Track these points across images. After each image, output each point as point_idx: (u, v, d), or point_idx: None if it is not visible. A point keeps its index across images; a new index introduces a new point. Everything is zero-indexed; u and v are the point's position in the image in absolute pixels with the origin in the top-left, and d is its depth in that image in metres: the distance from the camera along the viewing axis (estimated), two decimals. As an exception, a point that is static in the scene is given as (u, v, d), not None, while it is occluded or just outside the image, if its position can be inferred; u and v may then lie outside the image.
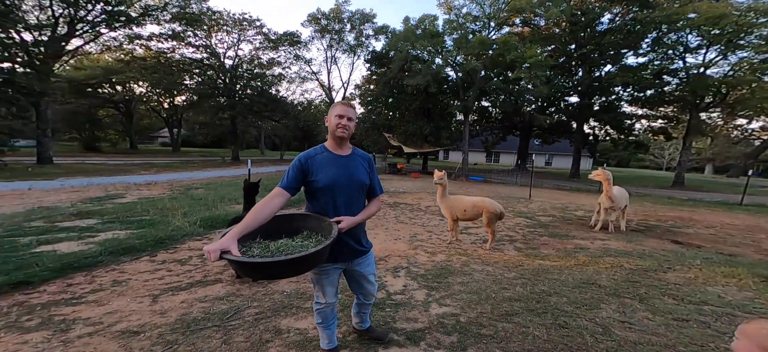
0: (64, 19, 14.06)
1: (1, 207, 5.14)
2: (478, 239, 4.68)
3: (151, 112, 30.55)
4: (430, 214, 6.43)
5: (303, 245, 1.26)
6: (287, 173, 1.36)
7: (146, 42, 17.74)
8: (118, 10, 14.74)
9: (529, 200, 9.32)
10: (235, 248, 1.04)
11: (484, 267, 3.39)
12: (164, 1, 16.65)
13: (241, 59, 20.22)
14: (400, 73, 15.71)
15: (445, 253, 3.89)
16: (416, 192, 10.01)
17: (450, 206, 4.21)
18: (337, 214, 1.38)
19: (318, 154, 1.42)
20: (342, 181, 1.40)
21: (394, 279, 2.97)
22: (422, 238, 4.59)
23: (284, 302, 2.35)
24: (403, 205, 7.47)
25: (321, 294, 1.52)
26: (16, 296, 2.21)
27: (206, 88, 19.68)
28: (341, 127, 1.39)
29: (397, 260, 3.52)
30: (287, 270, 1.15)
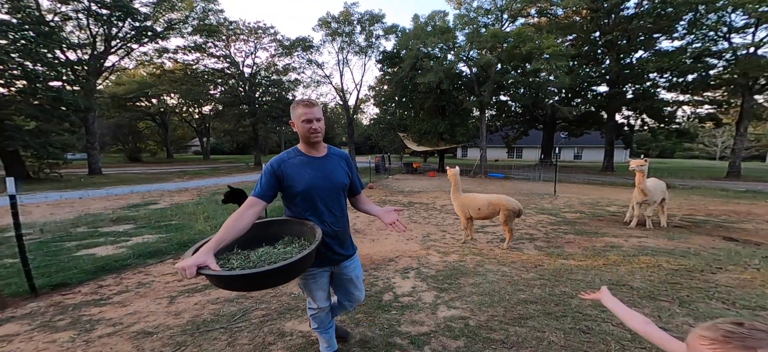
0: (100, 37, 15.51)
1: (55, 215, 5.73)
2: (495, 237, 4.47)
3: (183, 122, 32.79)
4: (445, 213, 6.26)
5: (286, 251, 1.20)
6: (260, 180, 1.28)
7: (173, 55, 19.11)
8: (144, 26, 16.05)
9: (554, 196, 8.79)
10: (212, 262, 0.99)
11: (499, 267, 3.22)
12: (185, 14, 17.93)
13: (259, 67, 21.11)
14: (411, 71, 15.53)
15: (459, 253, 3.75)
16: (432, 191, 9.82)
17: (463, 204, 4.06)
18: (319, 218, 1.33)
19: (291, 159, 1.34)
20: (320, 183, 1.33)
21: (402, 281, 2.90)
22: (435, 238, 4.47)
23: (291, 303, 2.36)
24: (418, 204, 7.35)
25: (311, 299, 1.47)
26: (54, 297, 2.41)
27: (229, 97, 20.79)
28: (312, 132, 1.31)
29: (408, 261, 3.44)
30: (272, 280, 1.08)
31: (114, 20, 14.92)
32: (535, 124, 22.83)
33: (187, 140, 40.00)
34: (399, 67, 16.76)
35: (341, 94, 18.83)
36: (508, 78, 15.38)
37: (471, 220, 4.17)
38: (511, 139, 24.21)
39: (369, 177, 12.66)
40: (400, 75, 16.32)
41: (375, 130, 21.00)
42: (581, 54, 18.12)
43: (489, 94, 15.30)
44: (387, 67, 18.57)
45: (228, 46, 19.57)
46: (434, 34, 14.76)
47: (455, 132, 16.92)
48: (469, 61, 15.67)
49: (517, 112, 21.39)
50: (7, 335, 1.85)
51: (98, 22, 14.80)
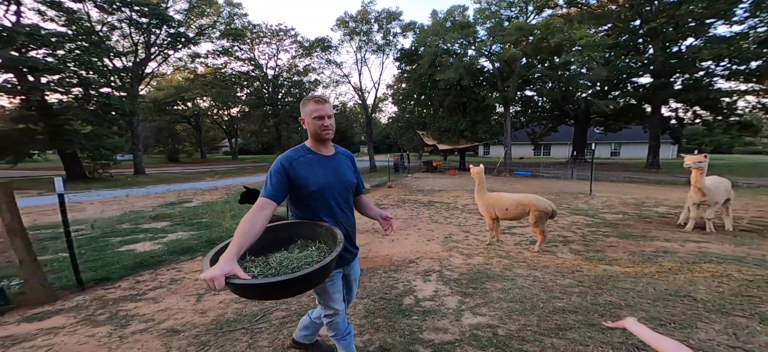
0: (141, 45, 16.89)
1: (104, 212, 6.30)
2: (523, 239, 4.21)
3: (214, 124, 34.90)
4: (467, 213, 6.02)
5: (307, 256, 1.13)
6: (269, 180, 1.20)
7: (204, 59, 20.38)
8: (178, 32, 17.28)
9: (590, 195, 8.16)
10: (239, 271, 0.93)
11: (530, 272, 3.00)
12: (213, 20, 19.08)
13: (281, 68, 21.89)
14: (430, 68, 15.22)
15: (484, 255, 3.55)
16: (453, 190, 9.53)
17: (489, 203, 3.84)
18: (334, 218, 1.30)
19: (301, 156, 1.28)
20: (334, 182, 1.31)
21: (424, 284, 2.79)
22: (457, 238, 4.29)
23: (311, 304, 2.34)
24: (439, 203, 7.15)
25: (330, 303, 1.38)
26: (97, 291, 2.59)
27: (254, 99, 21.82)
28: (324, 129, 1.27)
29: (429, 263, 3.32)
30: (302, 286, 1.01)
31: (152, 28, 16.19)
32: (565, 119, 21.41)
33: (218, 141, 42.50)
34: (417, 65, 16.52)
35: (359, 93, 18.92)
36: (534, 72, 14.59)
37: (497, 220, 3.94)
38: (538, 136, 22.97)
39: (388, 176, 12.60)
40: (418, 72, 16.08)
41: (393, 129, 20.89)
42: (619, 44, 16.72)
43: (513, 90, 14.61)
44: (405, 65, 18.40)
45: (252, 49, 20.51)
46: (453, 30, 14.31)
47: (477, 129, 16.37)
48: (492, 56, 15.05)
49: (545, 107, 20.21)
50: (54, 328, 2.00)
51: (139, 31, 16.14)
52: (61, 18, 13.13)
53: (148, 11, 15.00)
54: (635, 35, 16.67)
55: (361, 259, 3.34)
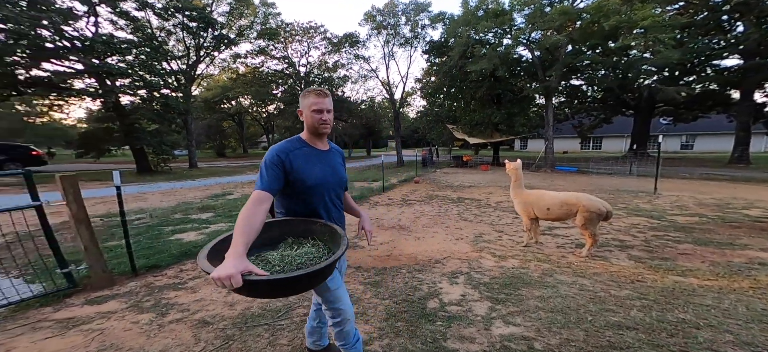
0: (192, 48, 18.64)
1: (163, 202, 7.08)
2: (568, 241, 3.79)
3: (254, 121, 37.53)
4: (501, 211, 5.61)
5: (305, 252, 1.08)
6: (264, 173, 1.14)
7: (244, 59, 21.75)
8: (221, 34, 18.68)
9: (655, 194, 7.12)
10: (254, 267, 0.90)
11: (576, 279, 2.68)
12: (251, 20, 20.23)
13: (312, 65, 22.60)
14: (461, 60, 14.48)
15: (520, 258, 3.26)
16: (485, 186, 9.00)
17: (527, 202, 3.50)
18: (329, 215, 1.27)
19: (296, 149, 1.23)
20: (329, 178, 1.28)
21: (450, 286, 2.62)
22: (489, 238, 3.99)
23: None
24: (469, 200, 6.78)
25: (338, 304, 1.28)
26: (147, 278, 2.84)
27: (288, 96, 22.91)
28: (322, 123, 1.24)
29: (457, 264, 3.13)
30: (317, 279, 0.99)
31: (200, 31, 17.76)
32: (621, 109, 18.96)
33: (258, 137, 45.62)
34: (447, 57, 15.86)
35: (387, 87, 18.75)
36: (582, 59, 13.05)
37: (536, 221, 3.57)
38: (586, 129, 20.70)
39: (416, 171, 12.35)
40: (448, 65, 15.43)
41: (422, 123, 20.44)
42: (695, 23, 14.36)
43: (557, 79, 13.26)
44: (434, 58, 17.81)
45: (286, 47, 21.47)
46: (487, 19, 13.34)
47: (513, 122, 15.30)
48: (531, 44, 13.80)
49: (596, 97, 18.09)
50: (108, 312, 2.21)
51: (189, 34, 17.82)
52: (129, 26, 15.02)
53: (196, 16, 16.43)
54: (718, 12, 14.12)
55: (384, 257, 3.33)
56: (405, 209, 5.87)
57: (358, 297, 2.42)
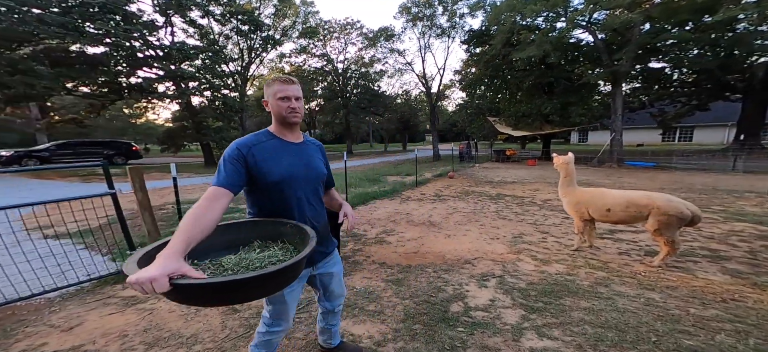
0: (245, 51, 20.50)
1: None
2: (634, 247, 3.23)
3: (298, 118, 40.09)
4: (547, 210, 5.03)
5: (270, 255, 0.95)
6: (222, 167, 1.02)
7: (288, 58, 23.24)
8: (268, 35, 20.16)
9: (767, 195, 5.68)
10: (189, 269, 0.75)
11: (641, 292, 2.25)
12: (293, 20, 21.47)
13: (349, 61, 23.12)
14: (504, 48, 13.31)
15: (567, 263, 2.86)
16: (531, 182, 8.18)
17: (580, 200, 3.04)
18: (301, 213, 1.13)
19: (262, 142, 1.11)
20: (300, 172, 1.14)
21: (478, 290, 2.40)
22: (531, 240, 3.59)
23: (350, 300, 2.25)
24: (510, 197, 6.23)
25: (282, 317, 1.19)
26: None
27: (328, 92, 23.88)
28: (291, 111, 1.11)
29: (489, 266, 2.86)
30: (271, 285, 0.83)
31: (250, 34, 19.43)
32: (724, 94, 15.57)
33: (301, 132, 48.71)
34: (488, 46, 14.75)
35: (423, 80, 18.21)
36: (664, 38, 10.93)
37: (592, 222, 3.09)
38: (669, 118, 17.49)
39: (452, 165, 11.81)
40: (489, 54, 14.36)
41: (461, 117, 19.47)
42: None
43: (628, 63, 11.35)
44: (474, 48, 16.75)
45: (325, 45, 22.32)
46: (536, 2, 11.94)
47: (569, 113, 13.66)
48: (592, 26, 12.02)
49: (686, 80, 15.10)
50: None
51: (243, 37, 19.62)
52: (196, 34, 17.14)
53: (246, 19, 17.97)
54: None
55: (410, 254, 3.20)
56: (437, 204, 5.64)
57: (378, 294, 2.34)
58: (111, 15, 12.58)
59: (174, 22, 15.97)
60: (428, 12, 16.23)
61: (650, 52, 12.27)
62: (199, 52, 15.84)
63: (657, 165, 11.43)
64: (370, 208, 5.40)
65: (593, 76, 12.90)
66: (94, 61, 13.34)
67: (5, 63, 10.95)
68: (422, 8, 16.24)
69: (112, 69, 13.68)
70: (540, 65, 13.96)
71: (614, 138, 12.43)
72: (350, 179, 8.24)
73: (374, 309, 2.13)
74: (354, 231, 4.01)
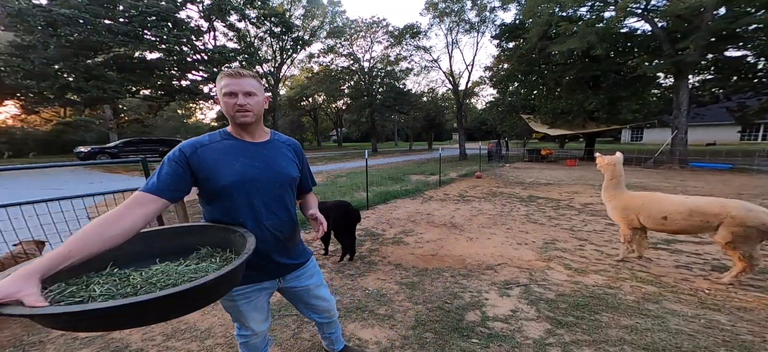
0: (277, 52, 21.67)
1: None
2: (697, 261, 2.82)
3: (326, 116, 41.31)
4: (588, 215, 4.56)
5: (196, 269, 0.84)
6: (158, 170, 0.92)
7: (317, 59, 24.10)
8: (298, 36, 21.20)
9: None
10: (30, 293, 0.61)
11: (702, 312, 1.95)
12: (321, 21, 22.38)
13: (375, 60, 23.25)
14: (541, 41, 12.37)
15: (608, 274, 2.56)
16: (569, 184, 7.51)
17: (628, 206, 2.69)
18: (257, 222, 0.99)
19: (214, 142, 0.99)
20: (257, 175, 0.99)
21: (499, 298, 2.21)
22: (565, 246, 3.27)
23: (361, 302, 2.20)
24: (543, 199, 5.76)
25: (245, 323, 1.12)
26: None
27: (354, 91, 24.23)
28: (240, 110, 0.96)
29: (513, 273, 2.65)
30: (153, 313, 0.70)
31: (282, 35, 20.48)
32: None
33: (329, 131, 50.16)
34: (522, 40, 13.86)
35: (450, 77, 17.65)
36: (747, 22, 9.38)
37: (643, 231, 2.72)
38: (751, 113, 15.04)
39: (479, 165, 11.28)
40: (524, 48, 13.49)
41: (491, 114, 18.57)
42: None
43: (697, 52, 9.92)
44: (505, 42, 15.87)
45: (351, 44, 22.70)
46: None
47: (618, 109, 12.38)
48: (649, 13, 10.69)
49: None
50: None
51: (275, 39, 20.77)
52: (235, 37, 18.50)
53: (278, 20, 18.99)
54: None
55: (428, 256, 3.07)
56: (461, 205, 5.40)
57: (390, 298, 2.26)
58: (164, 22, 14.10)
59: (216, 27, 17.40)
60: (456, 7, 15.69)
61: (725, 39, 10.59)
62: (237, 54, 17.05)
63: (733, 167, 9.85)
64: (390, 207, 5.33)
65: (651, 68, 11.47)
66: (152, 66, 15.22)
67: (83, 70, 12.77)
68: (450, 3, 15.73)
69: (166, 73, 15.40)
70: (583, 58, 12.81)
71: (676, 136, 10.96)
72: (373, 178, 8.27)
73: (384, 313, 2.06)
74: (372, 230, 3.97)
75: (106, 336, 1.82)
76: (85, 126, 21.00)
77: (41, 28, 11.75)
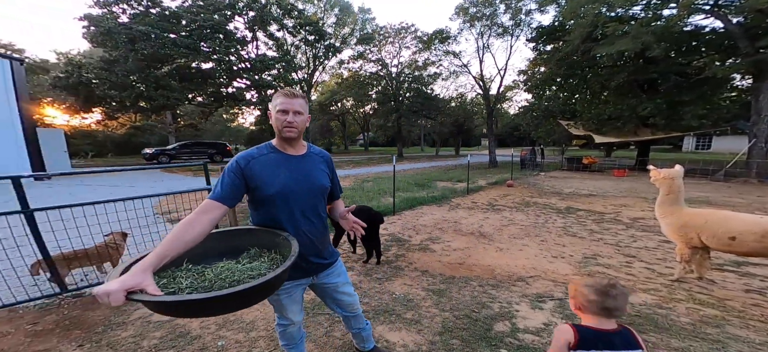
0: (311, 59, 22.82)
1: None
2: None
3: (353, 121, 42.39)
4: (638, 230, 4.21)
5: (252, 267, 1.00)
6: (221, 180, 1.10)
7: (346, 65, 24.96)
8: (330, 44, 22.11)
9: None
10: (149, 284, 0.80)
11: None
12: (352, 28, 23.26)
13: (403, 65, 23.46)
14: (584, 43, 11.61)
15: (660, 294, 2.38)
16: (615, 196, 6.93)
17: (688, 224, 2.46)
18: (295, 226, 1.16)
19: (262, 155, 1.16)
20: (297, 187, 1.16)
21: (530, 310, 2.15)
22: (609, 262, 3.08)
23: (388, 306, 2.26)
24: (583, 212, 5.39)
25: (285, 313, 1.30)
26: None
27: (381, 96, 24.63)
28: (288, 126, 1.13)
29: (547, 286, 2.55)
30: (232, 304, 0.87)
31: (315, 43, 21.58)
32: None
33: (356, 135, 51.23)
34: (562, 43, 13.13)
35: (481, 82, 17.20)
36: None
37: (705, 251, 2.48)
38: None
39: (511, 173, 10.80)
40: (564, 51, 12.75)
41: (525, 120, 17.70)
42: None
43: None
44: (543, 45, 15.14)
45: (380, 50, 23.18)
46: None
47: (680, 114, 11.14)
48: (721, 9, 9.58)
49: None
50: None
51: (309, 46, 21.94)
52: (274, 46, 19.93)
53: (313, 29, 20.08)
54: None
55: (455, 264, 3.07)
56: (490, 214, 5.25)
57: (417, 303, 2.30)
58: (217, 34, 15.77)
59: (258, 37, 18.96)
60: (488, 11, 15.35)
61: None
62: (275, 63, 18.35)
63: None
64: (416, 213, 5.35)
65: (723, 69, 10.19)
66: (206, 75, 17.17)
67: (153, 80, 14.71)
68: (481, 8, 15.44)
69: (216, 80, 17.16)
70: (636, 60, 11.81)
71: (755, 145, 9.59)
72: (399, 183, 8.33)
73: (411, 318, 2.11)
74: (398, 236, 4.04)
75: (173, 322, 2.05)
76: (150, 130, 24.22)
77: (123, 44, 13.82)
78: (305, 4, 23.47)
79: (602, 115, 12.83)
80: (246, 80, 17.81)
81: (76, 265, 2.52)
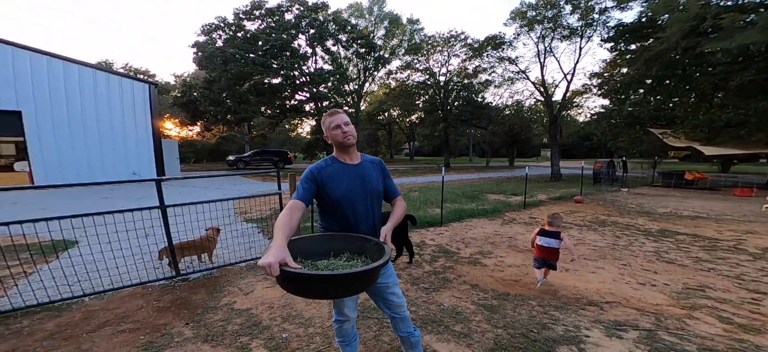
0: (361, 71, 24.11)
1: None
2: None
3: (399, 130, 43.02)
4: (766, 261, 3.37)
5: (351, 266, 1.20)
6: (300, 185, 1.37)
7: (394, 75, 25.71)
8: (380, 55, 23.14)
9: None
10: (290, 259, 1.00)
11: None
12: (400, 39, 23.99)
13: (451, 74, 23.03)
14: (685, 39, 9.92)
15: None
16: (737, 220, 5.68)
17: None
18: (357, 225, 1.38)
19: (328, 166, 1.40)
20: (357, 191, 1.38)
21: (606, 338, 1.92)
22: (722, 297, 2.58)
23: (436, 316, 2.25)
24: (685, 236, 4.55)
25: (343, 310, 1.47)
26: None
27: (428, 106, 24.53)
28: (345, 136, 1.38)
29: (630, 314, 2.23)
30: (350, 285, 1.06)
31: (366, 55, 22.81)
32: None
33: (401, 144, 51.75)
34: (652, 40, 11.42)
35: (542, 88, 15.82)
36: None
37: None
38: None
39: (580, 188, 9.57)
40: (657, 49, 11.04)
41: (599, 128, 15.60)
42: None
43: None
44: (624, 45, 13.36)
45: (427, 59, 23.23)
46: None
47: None
48: None
49: None
50: None
51: (360, 58, 23.29)
52: (330, 60, 21.76)
53: (364, 42, 21.35)
54: None
55: (510, 281, 2.93)
56: (554, 231, 4.76)
57: (466, 316, 2.23)
58: (284, 51, 18.04)
59: (316, 52, 21.04)
60: (550, 13, 14.27)
61: None
62: (330, 75, 19.99)
63: None
64: (465, 226, 5.15)
65: None
66: (275, 90, 19.66)
67: (237, 96, 17.53)
68: (541, 10, 14.44)
69: (282, 94, 19.54)
70: (766, 54, 9.69)
71: None
72: (446, 194, 8.11)
73: (460, 331, 2.05)
74: (446, 247, 3.97)
75: (249, 312, 2.33)
76: (232, 139, 28.99)
77: (219, 66, 16.88)
78: (358, 19, 25.11)
79: (716, 122, 10.68)
80: (306, 93, 19.79)
81: (186, 254, 3.11)
